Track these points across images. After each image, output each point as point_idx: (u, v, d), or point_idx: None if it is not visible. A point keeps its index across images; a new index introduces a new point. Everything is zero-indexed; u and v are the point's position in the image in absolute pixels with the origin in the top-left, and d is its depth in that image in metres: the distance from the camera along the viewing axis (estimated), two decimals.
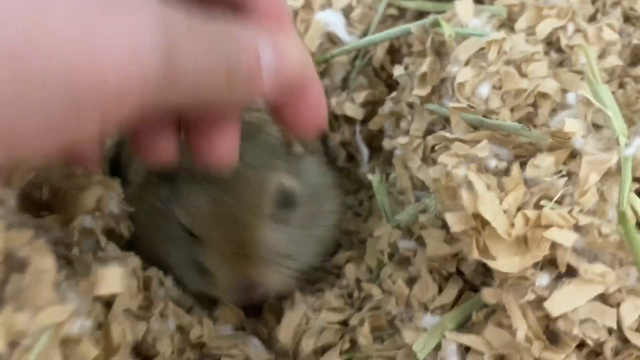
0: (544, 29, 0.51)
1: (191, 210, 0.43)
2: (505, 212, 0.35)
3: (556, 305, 0.35)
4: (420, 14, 0.65)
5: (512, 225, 0.34)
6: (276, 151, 0.47)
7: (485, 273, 0.42)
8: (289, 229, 0.45)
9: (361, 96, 0.59)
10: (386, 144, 0.56)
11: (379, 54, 0.59)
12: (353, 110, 0.59)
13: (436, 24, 0.48)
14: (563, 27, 0.51)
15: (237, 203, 0.42)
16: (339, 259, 0.51)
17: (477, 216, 0.35)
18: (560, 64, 0.50)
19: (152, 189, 0.47)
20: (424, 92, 0.48)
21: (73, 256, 0.39)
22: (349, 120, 0.62)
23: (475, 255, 0.35)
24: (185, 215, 0.44)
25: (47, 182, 0.38)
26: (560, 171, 0.37)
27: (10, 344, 0.25)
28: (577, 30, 0.51)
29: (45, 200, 0.37)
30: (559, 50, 0.51)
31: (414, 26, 0.50)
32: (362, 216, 0.59)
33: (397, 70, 0.53)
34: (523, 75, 0.44)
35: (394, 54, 0.62)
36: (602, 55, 0.50)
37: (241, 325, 0.46)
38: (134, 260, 0.42)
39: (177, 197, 0.44)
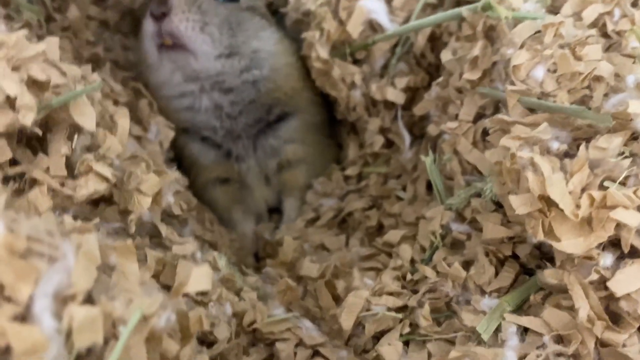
0: (590, 15, 0.51)
1: None
2: (570, 193, 0.35)
3: (619, 285, 0.35)
4: (458, 3, 0.65)
5: (578, 206, 0.35)
6: None
7: (541, 256, 0.43)
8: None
9: (403, 82, 0.59)
10: (432, 129, 0.56)
11: (420, 41, 0.60)
12: (394, 94, 0.60)
13: (488, 7, 0.48)
14: (609, 13, 0.51)
15: None
16: (391, 237, 0.52)
17: (543, 198, 0.35)
18: (608, 49, 0.50)
19: None
20: (474, 76, 0.48)
21: (136, 245, 0.40)
22: (389, 106, 0.62)
23: (540, 236, 0.35)
24: None
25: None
26: (622, 152, 0.37)
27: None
28: (624, 15, 0.51)
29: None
30: (606, 35, 0.51)
31: (465, 9, 0.50)
32: (405, 200, 0.59)
33: (445, 55, 0.53)
34: (577, 58, 0.44)
35: (435, 41, 0.62)
36: None
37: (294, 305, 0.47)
38: (192, 246, 0.42)
39: None
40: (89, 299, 0.27)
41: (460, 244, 0.47)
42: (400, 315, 0.42)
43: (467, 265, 0.44)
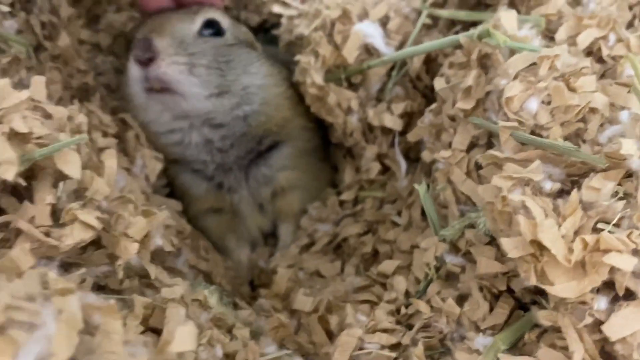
0: (584, 40, 0.50)
1: None
2: (563, 237, 0.34)
3: (614, 328, 0.35)
4: (453, 23, 0.64)
5: (571, 250, 0.34)
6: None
7: (536, 292, 0.42)
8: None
9: (400, 107, 0.59)
10: (425, 156, 0.55)
11: (416, 64, 0.59)
12: (392, 121, 0.59)
13: (486, 34, 0.47)
14: (604, 37, 0.50)
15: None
16: (386, 268, 0.51)
17: (535, 242, 0.34)
18: (603, 75, 0.49)
19: None
20: (468, 105, 0.48)
21: (124, 289, 0.40)
22: (386, 131, 0.61)
23: (533, 281, 0.35)
24: None
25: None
26: (616, 193, 0.37)
27: None
28: (619, 39, 0.50)
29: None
30: (600, 60, 0.50)
31: (462, 36, 0.50)
32: (401, 226, 0.59)
33: (439, 83, 0.52)
34: (572, 89, 0.43)
35: (430, 63, 0.61)
36: None
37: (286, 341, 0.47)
38: (181, 288, 0.42)
39: None
40: None
41: (454, 276, 0.46)
42: (394, 355, 0.42)
43: (461, 299, 0.44)
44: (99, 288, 0.39)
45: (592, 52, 0.51)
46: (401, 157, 0.59)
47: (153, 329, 0.39)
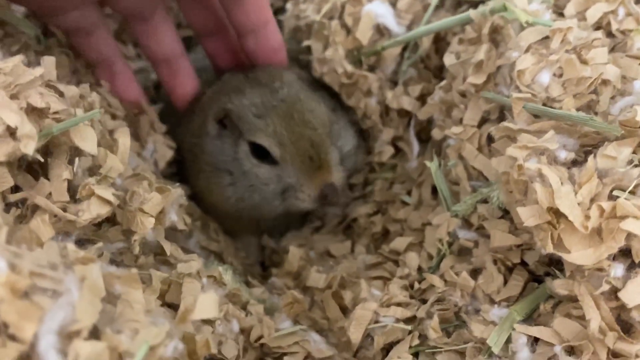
0: (594, 14, 0.50)
1: (273, 143, 0.54)
2: (579, 204, 0.34)
3: (631, 295, 0.35)
4: (459, 3, 0.64)
5: (588, 217, 0.34)
6: (303, 86, 0.59)
7: (550, 263, 0.42)
8: (334, 140, 0.59)
9: (417, 89, 0.59)
10: (436, 133, 0.55)
11: (425, 43, 0.59)
12: (410, 103, 0.59)
13: (501, 9, 0.47)
14: (613, 12, 0.50)
15: (305, 129, 0.55)
16: (398, 245, 0.51)
17: (552, 210, 0.34)
18: (613, 49, 0.49)
19: (209, 148, 0.57)
20: (479, 80, 0.48)
21: (139, 265, 0.40)
22: (402, 114, 0.61)
23: (550, 248, 0.35)
24: (271, 145, 0.55)
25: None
26: (631, 161, 0.37)
27: None
28: (628, 13, 0.50)
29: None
30: (610, 34, 0.50)
31: (474, 13, 0.49)
32: (410, 205, 0.59)
33: (449, 59, 0.52)
34: (583, 62, 0.43)
35: (439, 42, 0.61)
36: None
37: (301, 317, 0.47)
38: (197, 263, 0.42)
39: (239, 144, 0.56)
40: (95, 333, 0.26)
41: (467, 251, 0.46)
42: (409, 327, 0.42)
43: (475, 273, 0.44)
44: (115, 265, 0.39)
45: (601, 26, 0.50)
46: (415, 139, 0.59)
47: (170, 305, 0.39)
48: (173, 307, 0.39)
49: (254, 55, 0.58)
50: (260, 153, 0.55)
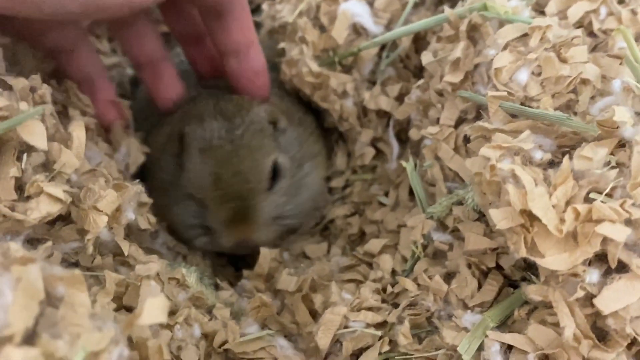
0: (575, 13, 0.49)
1: (196, 183, 0.52)
2: (554, 207, 0.33)
3: (606, 302, 0.33)
4: (440, 1, 0.63)
5: (562, 220, 0.33)
6: (264, 130, 0.55)
7: (526, 268, 0.41)
8: (276, 197, 0.55)
9: (395, 89, 0.57)
10: (413, 133, 0.54)
11: (405, 42, 0.57)
12: (388, 103, 0.57)
13: (482, 8, 0.46)
14: (595, 11, 0.49)
15: (236, 180, 0.52)
16: (372, 247, 0.50)
17: (525, 212, 0.33)
18: (594, 49, 0.48)
19: (162, 164, 0.56)
20: (456, 78, 0.46)
21: (96, 266, 0.38)
22: (381, 115, 0.59)
23: (523, 253, 0.33)
24: (192, 186, 0.53)
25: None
26: (609, 162, 0.35)
27: None
28: (610, 13, 0.49)
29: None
30: (592, 34, 0.49)
31: (451, 13, 0.48)
32: (388, 206, 0.57)
33: (426, 57, 0.51)
34: (563, 60, 0.42)
35: (419, 41, 0.59)
36: (637, 39, 0.48)
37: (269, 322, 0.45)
38: (156, 265, 0.40)
39: (183, 170, 0.54)
40: (31, 338, 0.24)
41: (442, 254, 0.45)
42: (379, 333, 0.40)
43: (449, 277, 0.42)
44: (70, 265, 0.37)
45: (582, 25, 0.49)
46: (394, 139, 0.57)
47: (127, 308, 0.37)
48: (131, 310, 0.37)
49: (236, 76, 0.56)
50: None
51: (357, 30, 0.58)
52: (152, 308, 0.26)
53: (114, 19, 0.54)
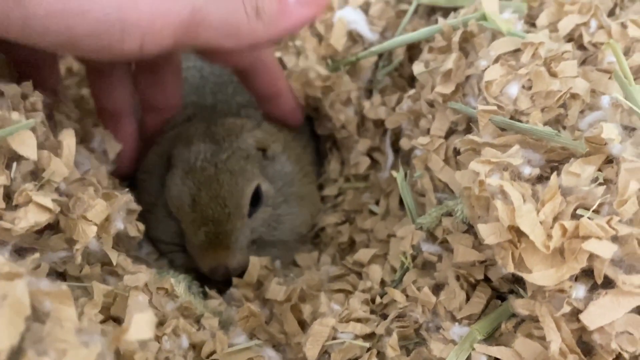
0: (566, 26, 0.49)
1: (176, 204, 0.53)
2: (541, 223, 0.33)
3: (592, 317, 0.34)
4: (433, 10, 0.63)
5: (550, 237, 0.33)
6: (251, 156, 0.54)
7: (514, 280, 0.41)
8: (255, 224, 0.54)
9: (393, 99, 0.57)
10: (404, 143, 0.54)
11: (398, 51, 0.57)
12: (388, 114, 0.57)
13: (481, 18, 0.46)
14: (585, 24, 0.49)
15: (214, 204, 0.51)
16: (362, 256, 0.50)
17: (513, 228, 0.33)
18: (584, 62, 0.48)
19: (149, 183, 0.56)
20: (447, 89, 0.46)
21: (84, 276, 0.38)
22: (378, 124, 0.60)
23: (510, 268, 0.34)
24: (172, 206, 0.53)
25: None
26: (596, 179, 0.35)
27: None
28: (600, 26, 0.49)
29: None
30: (581, 47, 0.49)
31: (445, 24, 0.48)
32: (378, 215, 0.57)
33: (417, 68, 0.51)
34: (553, 74, 0.42)
35: (412, 50, 0.60)
36: (626, 53, 0.49)
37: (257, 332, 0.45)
38: (145, 275, 0.40)
39: (166, 188, 0.54)
40: (17, 355, 0.24)
41: (431, 266, 0.45)
42: (367, 344, 0.40)
43: (437, 288, 0.43)
44: (58, 275, 0.37)
45: (573, 38, 0.50)
46: (390, 149, 0.57)
47: (115, 319, 0.37)
48: (119, 321, 0.37)
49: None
50: None
51: (354, 38, 0.58)
52: (140, 323, 0.26)
53: (93, 64, 0.53)
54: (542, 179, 0.37)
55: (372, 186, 0.59)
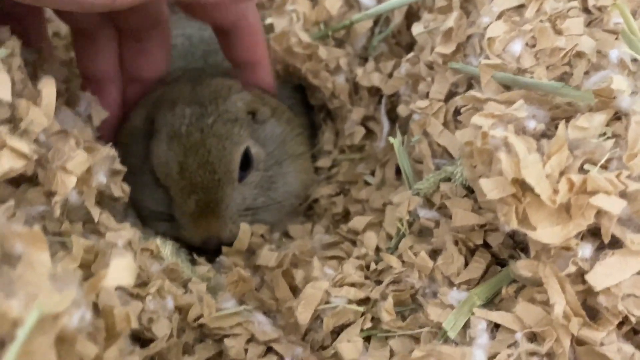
0: None
1: (163, 171, 0.50)
2: (547, 176, 0.31)
3: (599, 278, 0.32)
4: None
5: (556, 191, 0.31)
6: (240, 120, 0.52)
7: (514, 246, 0.40)
8: (246, 189, 0.52)
9: (389, 66, 0.55)
10: (402, 110, 0.52)
11: (397, 17, 0.55)
12: (383, 81, 0.55)
13: None
14: None
15: (202, 171, 0.49)
16: (356, 224, 0.48)
17: (517, 182, 0.31)
18: (589, 24, 0.47)
19: (133, 147, 0.53)
20: (447, 49, 0.45)
21: (64, 231, 0.36)
22: (372, 92, 0.58)
23: (514, 224, 0.32)
24: (159, 173, 0.51)
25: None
26: (604, 133, 0.34)
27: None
28: None
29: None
30: (586, 10, 0.48)
31: None
32: (373, 185, 0.56)
33: (416, 28, 0.49)
34: (558, 32, 0.41)
35: (411, 17, 0.58)
36: (632, 15, 0.47)
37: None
38: (129, 232, 0.38)
39: (151, 155, 0.51)
40: None
41: (428, 231, 0.43)
42: (361, 309, 0.39)
43: (434, 254, 0.41)
44: None
45: (577, 1, 0.48)
46: (385, 118, 0.55)
47: None
48: None
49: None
50: None
51: (350, 3, 0.56)
52: (118, 269, 0.24)
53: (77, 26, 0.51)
54: (546, 135, 0.36)
55: (367, 157, 0.57)
